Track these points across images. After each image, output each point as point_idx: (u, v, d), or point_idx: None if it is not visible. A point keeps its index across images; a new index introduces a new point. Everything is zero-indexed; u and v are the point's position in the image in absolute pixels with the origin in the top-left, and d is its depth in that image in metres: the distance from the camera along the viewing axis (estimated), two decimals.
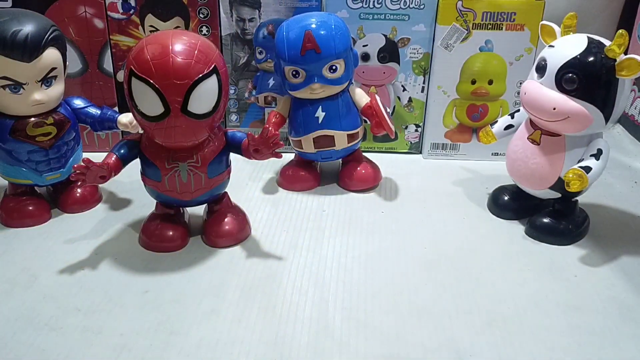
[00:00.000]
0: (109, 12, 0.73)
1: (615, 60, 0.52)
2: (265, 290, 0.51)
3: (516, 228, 0.62)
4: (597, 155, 0.55)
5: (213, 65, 0.49)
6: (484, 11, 0.72)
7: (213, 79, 0.50)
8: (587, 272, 0.55)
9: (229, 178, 0.59)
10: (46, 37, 0.55)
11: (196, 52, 0.48)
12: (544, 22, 0.58)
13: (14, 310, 0.48)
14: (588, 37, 0.54)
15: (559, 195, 0.59)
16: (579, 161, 0.56)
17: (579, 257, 0.57)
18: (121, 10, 0.73)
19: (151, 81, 0.48)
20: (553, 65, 0.54)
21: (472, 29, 0.73)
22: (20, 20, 0.54)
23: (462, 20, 0.73)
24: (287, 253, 0.57)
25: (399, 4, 0.74)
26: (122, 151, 0.54)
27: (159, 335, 0.46)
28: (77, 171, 0.50)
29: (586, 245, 0.59)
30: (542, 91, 0.55)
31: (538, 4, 0.72)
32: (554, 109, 0.54)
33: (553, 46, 0.56)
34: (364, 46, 0.76)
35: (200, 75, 0.48)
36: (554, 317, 0.49)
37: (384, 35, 0.75)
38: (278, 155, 0.54)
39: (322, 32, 0.62)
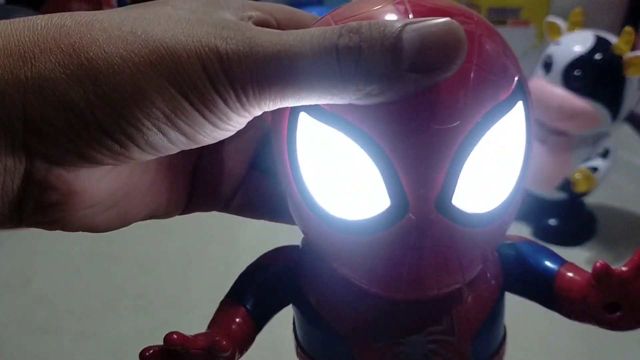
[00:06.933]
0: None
1: (621, 57, 0.51)
2: None
3: (522, 230, 0.61)
4: (604, 154, 0.54)
5: (516, 80, 0.19)
6: (489, 7, 0.71)
7: (520, 112, 0.20)
8: None
9: None
10: None
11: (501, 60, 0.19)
12: (550, 18, 0.57)
13: (7, 314, 0.48)
14: (594, 34, 0.53)
15: (566, 195, 0.58)
16: (586, 161, 0.55)
17: (585, 259, 0.56)
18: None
19: (362, 129, 0.18)
20: (559, 63, 0.53)
21: None
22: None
23: None
24: None
25: None
26: (256, 301, 0.24)
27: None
28: None
29: (593, 246, 0.58)
30: (548, 89, 0.54)
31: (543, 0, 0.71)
32: (560, 107, 0.53)
33: (559, 43, 0.55)
34: None
35: (493, 106, 0.18)
36: (560, 321, 0.47)
37: None
38: None
39: None
